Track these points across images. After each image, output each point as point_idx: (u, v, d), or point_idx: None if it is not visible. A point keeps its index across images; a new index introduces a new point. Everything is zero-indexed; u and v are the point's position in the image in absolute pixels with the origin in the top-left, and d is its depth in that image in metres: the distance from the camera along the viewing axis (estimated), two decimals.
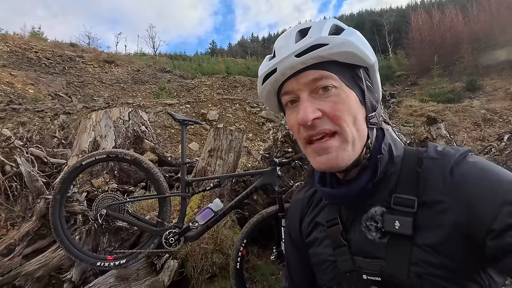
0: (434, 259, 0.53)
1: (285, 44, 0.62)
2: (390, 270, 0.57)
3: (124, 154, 2.10)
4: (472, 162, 0.56)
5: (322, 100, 0.59)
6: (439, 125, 2.65)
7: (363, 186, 0.62)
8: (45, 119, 9.38)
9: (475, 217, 0.50)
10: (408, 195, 0.58)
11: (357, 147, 0.60)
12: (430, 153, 0.61)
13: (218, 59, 33.22)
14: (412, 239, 0.55)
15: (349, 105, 0.59)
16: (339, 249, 0.66)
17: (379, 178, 0.62)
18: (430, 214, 0.55)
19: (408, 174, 0.61)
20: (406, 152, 0.65)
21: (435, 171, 0.57)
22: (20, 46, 18.16)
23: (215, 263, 2.28)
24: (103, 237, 2.30)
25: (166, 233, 2.03)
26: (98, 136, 3.38)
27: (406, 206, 0.57)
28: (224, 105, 12.19)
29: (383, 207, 0.61)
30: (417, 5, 46.65)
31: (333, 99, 0.59)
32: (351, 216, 0.67)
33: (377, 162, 0.62)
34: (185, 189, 2.10)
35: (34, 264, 2.18)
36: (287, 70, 0.60)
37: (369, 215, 0.63)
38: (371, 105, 0.64)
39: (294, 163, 2.17)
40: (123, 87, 17.91)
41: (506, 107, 11.95)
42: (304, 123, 0.58)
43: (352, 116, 0.59)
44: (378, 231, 0.61)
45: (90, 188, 2.74)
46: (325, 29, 0.60)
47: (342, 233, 0.66)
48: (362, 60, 0.61)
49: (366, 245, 0.62)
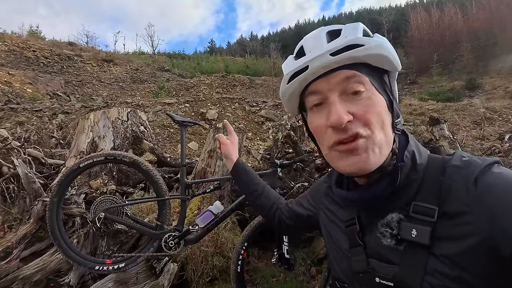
0: (451, 272, 0.51)
1: (317, 43, 0.61)
2: (403, 277, 0.56)
3: (123, 156, 2.07)
4: (498, 173, 0.53)
5: (353, 103, 0.58)
6: (442, 126, 2.63)
7: (379, 193, 0.61)
8: (43, 118, 9.34)
9: (500, 230, 0.48)
10: (429, 203, 0.56)
11: (385, 151, 0.59)
12: (455, 162, 0.58)
13: (217, 58, 33.17)
14: (429, 248, 0.54)
15: (379, 109, 0.59)
16: (355, 248, 0.66)
17: (400, 185, 0.60)
18: (451, 225, 0.53)
19: (430, 182, 0.59)
20: (430, 160, 0.63)
21: (459, 181, 0.55)
22: (18, 45, 18.06)
23: (215, 266, 2.25)
24: (102, 240, 2.27)
25: (166, 236, 2.00)
26: (96, 136, 3.34)
27: (425, 215, 0.56)
28: (223, 104, 12.15)
29: (400, 214, 0.60)
30: (416, 3, 46.59)
31: (365, 102, 0.58)
32: (368, 219, 0.66)
33: (398, 170, 0.60)
34: (185, 192, 2.07)
35: (32, 267, 2.14)
36: (320, 68, 0.58)
37: (385, 221, 0.62)
38: (396, 111, 0.63)
39: (295, 165, 2.14)
40: (121, 86, 17.85)
41: (506, 105, 11.94)
42: (338, 125, 0.57)
43: (381, 121, 0.58)
44: (393, 237, 0.59)
45: (88, 190, 2.71)
46: (359, 31, 0.59)
47: (359, 233, 0.66)
48: (392, 65, 0.60)
49: (381, 249, 0.61)
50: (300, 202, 0.97)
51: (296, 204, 0.99)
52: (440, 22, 25.68)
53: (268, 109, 12.01)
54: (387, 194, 0.61)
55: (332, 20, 65.80)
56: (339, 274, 0.72)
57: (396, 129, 0.62)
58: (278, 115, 11.40)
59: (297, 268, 2.52)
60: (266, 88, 19.32)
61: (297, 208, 0.97)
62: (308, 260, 2.63)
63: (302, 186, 2.54)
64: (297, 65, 0.61)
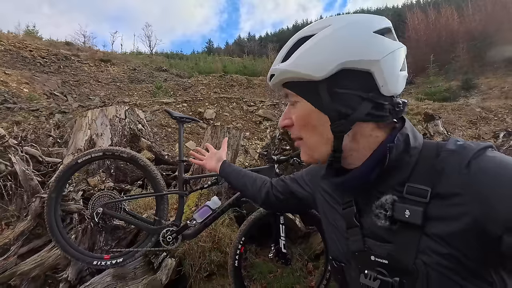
0: (443, 249, 0.53)
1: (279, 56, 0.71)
2: (397, 254, 0.58)
3: (121, 152, 2.08)
4: (491, 156, 0.55)
5: (291, 111, 0.71)
6: (437, 122, 2.66)
7: (363, 175, 0.64)
8: (40, 118, 9.29)
9: (492, 213, 0.49)
10: (422, 185, 0.58)
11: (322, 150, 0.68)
12: (449, 146, 0.60)
13: (215, 58, 33.15)
14: (422, 228, 0.56)
15: (305, 116, 0.67)
16: (351, 229, 0.69)
17: (391, 166, 0.62)
18: (443, 205, 0.55)
19: (424, 165, 0.61)
20: (425, 145, 0.65)
21: (452, 163, 0.56)
22: (14, 44, 17.95)
23: (213, 261, 2.26)
24: (100, 236, 2.28)
25: (164, 231, 2.01)
26: (94, 134, 3.35)
27: (418, 196, 0.57)
28: (221, 104, 12.16)
29: (394, 195, 0.62)
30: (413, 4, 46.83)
31: (295, 111, 0.69)
32: (364, 201, 0.69)
33: (386, 151, 0.61)
34: (183, 187, 2.08)
35: (30, 263, 2.15)
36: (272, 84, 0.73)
37: (380, 203, 0.64)
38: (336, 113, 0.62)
39: (292, 160, 2.16)
40: (119, 86, 17.80)
41: (501, 105, 12.05)
42: (280, 126, 0.73)
43: (310, 126, 0.67)
44: (387, 219, 0.62)
45: (86, 187, 2.72)
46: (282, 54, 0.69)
47: (355, 215, 0.69)
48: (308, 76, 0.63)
49: (376, 229, 0.64)
50: (296, 179, 1.01)
51: (290, 180, 1.03)
52: (436, 23, 25.85)
53: (265, 108, 12.03)
54: (374, 176, 0.63)
55: None
56: (336, 253, 0.75)
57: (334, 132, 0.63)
58: (275, 114, 11.42)
59: (294, 264, 2.53)
60: (263, 88, 19.35)
61: (291, 184, 1.02)
62: (305, 256, 2.65)
63: None
64: (269, 73, 0.72)
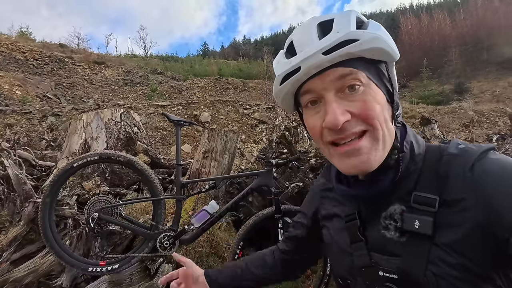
0: (453, 259, 0.51)
1: (307, 39, 0.57)
2: (407, 267, 0.56)
3: (117, 155, 2.05)
4: (494, 159, 0.54)
5: (350, 101, 0.55)
6: (433, 126, 2.69)
7: (383, 188, 0.60)
8: (33, 121, 9.17)
9: (497, 216, 0.49)
10: (429, 193, 0.56)
11: (388, 146, 0.58)
12: (452, 150, 0.58)
13: (210, 61, 33.15)
14: (432, 238, 0.54)
15: (378, 104, 0.56)
16: (356, 244, 0.65)
17: (400, 176, 0.60)
18: (451, 212, 0.53)
19: (429, 172, 0.59)
20: (427, 150, 0.63)
21: (456, 168, 0.55)
22: (7, 46, 17.73)
23: (210, 266, 2.24)
24: (95, 242, 2.24)
25: (161, 237, 1.99)
26: (89, 137, 3.31)
27: (426, 205, 0.55)
28: (216, 107, 12.14)
29: (402, 205, 0.59)
30: (406, 9, 47.53)
31: (362, 98, 0.55)
32: (369, 212, 0.65)
33: (399, 161, 0.60)
34: (180, 191, 2.06)
35: (23, 270, 2.10)
36: (313, 69, 0.55)
37: (388, 213, 0.61)
38: (396, 104, 0.61)
39: (291, 164, 2.16)
40: (113, 88, 17.68)
41: (493, 108, 12.24)
42: (334, 127, 0.54)
43: (382, 116, 0.56)
44: (397, 230, 0.59)
45: (81, 191, 2.67)
46: (353, 23, 0.55)
47: (359, 228, 0.65)
48: (390, 56, 0.57)
49: (384, 242, 0.60)
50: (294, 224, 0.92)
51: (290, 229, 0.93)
52: (429, 28, 26.25)
53: (261, 111, 12.04)
54: (389, 187, 0.60)
55: None
56: (341, 271, 0.71)
57: (397, 122, 0.60)
58: (271, 117, 11.43)
59: None
60: (259, 91, 19.38)
61: (293, 230, 0.91)
62: None
63: (297, 186, 2.55)
64: (288, 66, 0.58)
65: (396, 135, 0.60)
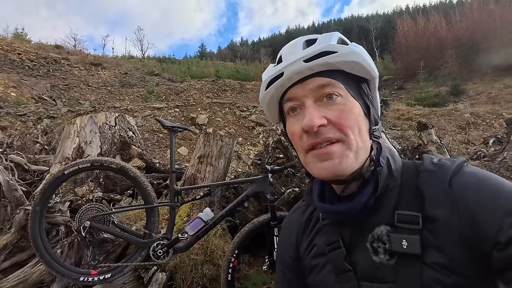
0: (447, 278, 0.50)
1: (292, 50, 0.62)
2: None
3: (110, 162, 2.01)
4: (470, 172, 0.56)
5: (327, 108, 0.59)
6: (430, 131, 2.68)
7: (366, 201, 0.59)
8: (28, 123, 9.07)
9: (479, 229, 0.49)
10: (411, 211, 0.56)
11: (361, 156, 0.59)
12: (427, 166, 0.60)
13: (207, 63, 33.12)
14: (421, 258, 0.52)
15: (354, 115, 0.59)
16: (343, 274, 0.61)
17: (380, 193, 0.60)
18: (435, 229, 0.53)
19: (408, 189, 0.59)
20: (404, 166, 0.64)
21: (434, 184, 0.56)
22: (2, 47, 17.57)
23: (205, 274, 2.20)
24: (87, 250, 2.19)
25: (154, 245, 1.95)
26: (82, 142, 3.26)
27: (410, 223, 0.55)
28: (213, 109, 12.09)
29: (387, 226, 0.58)
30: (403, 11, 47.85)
31: (338, 107, 0.58)
32: (354, 237, 0.63)
33: (378, 175, 0.60)
34: (174, 199, 2.03)
35: (12, 280, 2.05)
36: (294, 75, 0.60)
37: (375, 235, 0.59)
38: (374, 118, 0.64)
39: (286, 171, 2.13)
40: (110, 90, 17.57)
41: (489, 110, 12.30)
42: (310, 128, 0.57)
43: (357, 126, 0.59)
44: (386, 252, 0.57)
45: (74, 197, 2.62)
46: (334, 39, 0.61)
47: (345, 257, 0.62)
48: (367, 72, 0.61)
49: (373, 268, 0.58)
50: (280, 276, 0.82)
51: None
52: (425, 30, 26.40)
53: (258, 113, 12.02)
54: (372, 202, 0.60)
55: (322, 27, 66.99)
56: None
57: (373, 136, 0.62)
58: (268, 120, 11.41)
59: None
60: (256, 93, 19.34)
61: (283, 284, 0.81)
62: None
63: (293, 191, 2.53)
64: (273, 72, 0.63)
65: (372, 148, 0.61)
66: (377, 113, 0.67)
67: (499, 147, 2.83)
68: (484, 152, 2.85)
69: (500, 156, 2.41)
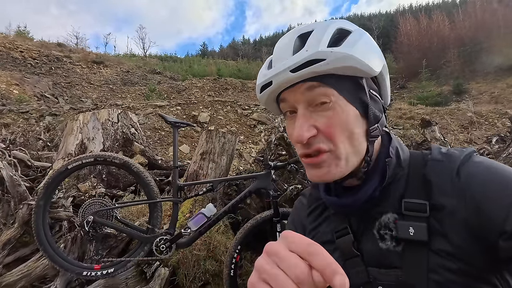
0: (452, 264, 0.51)
1: (282, 54, 0.59)
2: (408, 279, 0.54)
3: (113, 157, 2.02)
4: (478, 162, 0.55)
5: (318, 115, 0.57)
6: (433, 128, 2.66)
7: (371, 193, 0.60)
8: (30, 120, 9.10)
9: (486, 219, 0.49)
10: (419, 199, 0.56)
11: (352, 162, 0.58)
12: (435, 155, 0.59)
13: (209, 61, 33.10)
14: (428, 244, 0.53)
15: (345, 120, 0.56)
16: (351, 260, 0.62)
17: (388, 182, 0.60)
18: (442, 217, 0.53)
19: (415, 177, 0.59)
20: (412, 156, 0.64)
21: (442, 173, 0.56)
22: (4, 45, 17.61)
23: (208, 270, 2.20)
24: (90, 245, 2.20)
25: (157, 240, 1.95)
26: (85, 138, 3.27)
27: (418, 211, 0.55)
28: (215, 107, 12.09)
29: (394, 213, 0.59)
30: (405, 10, 47.65)
31: (328, 115, 0.56)
32: (361, 224, 0.63)
33: (386, 166, 0.60)
34: (177, 194, 2.03)
35: (16, 274, 2.06)
36: (283, 84, 0.58)
37: (382, 223, 0.60)
38: (374, 117, 0.60)
39: (289, 167, 2.13)
40: (112, 88, 17.60)
41: (491, 110, 12.25)
42: (299, 141, 0.56)
43: (347, 132, 0.56)
44: (393, 239, 0.57)
45: (77, 193, 2.63)
46: (325, 39, 0.55)
47: (353, 242, 0.63)
48: (363, 72, 0.57)
49: (380, 255, 0.58)
50: None
51: None
52: (428, 29, 26.29)
53: (260, 112, 12.01)
54: (378, 194, 0.60)
55: None
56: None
57: (370, 136, 0.60)
58: (270, 118, 11.41)
59: None
60: None
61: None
62: None
63: (296, 188, 2.52)
64: (264, 79, 0.61)
65: (368, 150, 0.60)
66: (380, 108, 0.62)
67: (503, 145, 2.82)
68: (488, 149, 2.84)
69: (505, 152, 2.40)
